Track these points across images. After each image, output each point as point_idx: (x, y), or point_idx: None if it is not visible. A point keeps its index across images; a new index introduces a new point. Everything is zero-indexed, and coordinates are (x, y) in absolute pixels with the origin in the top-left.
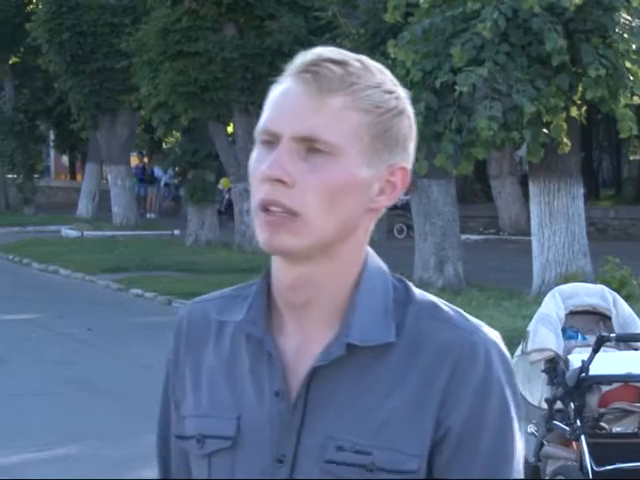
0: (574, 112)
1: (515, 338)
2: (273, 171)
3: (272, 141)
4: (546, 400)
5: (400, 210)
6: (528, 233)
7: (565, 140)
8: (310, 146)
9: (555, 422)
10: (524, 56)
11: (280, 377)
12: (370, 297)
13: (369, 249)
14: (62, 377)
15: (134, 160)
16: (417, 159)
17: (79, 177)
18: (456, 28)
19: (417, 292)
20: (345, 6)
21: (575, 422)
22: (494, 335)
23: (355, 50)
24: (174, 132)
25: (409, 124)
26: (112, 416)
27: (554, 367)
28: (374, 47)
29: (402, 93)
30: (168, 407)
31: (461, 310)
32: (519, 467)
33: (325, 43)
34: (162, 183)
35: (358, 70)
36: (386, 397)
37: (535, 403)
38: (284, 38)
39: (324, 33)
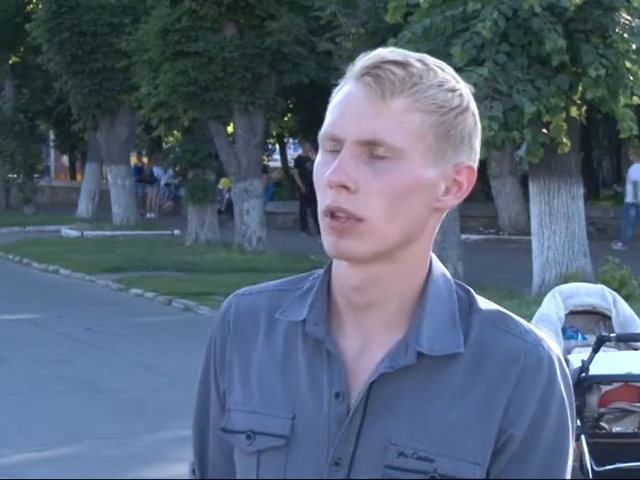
0: (574, 112)
1: None
2: (337, 176)
3: (335, 147)
4: None
5: None
6: (528, 233)
7: (565, 140)
8: (373, 150)
9: None
10: (524, 56)
11: (342, 378)
12: (437, 303)
13: (432, 254)
14: (62, 377)
15: (134, 160)
16: None
17: (79, 177)
18: (456, 28)
19: (481, 300)
20: (345, 6)
21: (575, 422)
22: (556, 349)
23: (353, 50)
24: (174, 132)
25: (474, 121)
26: (112, 416)
27: None
28: (374, 47)
29: (465, 89)
30: (207, 399)
31: (524, 321)
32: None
33: (325, 43)
34: (162, 183)
35: (420, 70)
36: (450, 405)
37: None
38: (284, 38)
39: (324, 33)
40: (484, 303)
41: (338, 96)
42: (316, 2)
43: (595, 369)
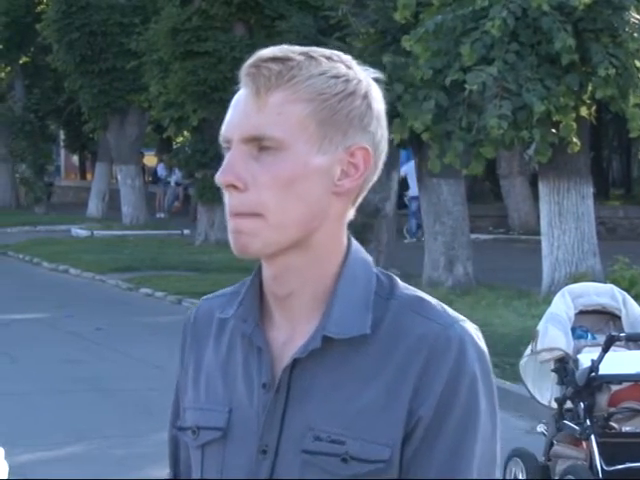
0: (584, 111)
1: (525, 338)
2: (224, 177)
3: (228, 147)
4: (556, 399)
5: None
6: (537, 233)
7: (575, 140)
8: (260, 145)
9: (565, 421)
10: (533, 55)
11: (268, 369)
12: (350, 289)
13: (354, 242)
14: (71, 376)
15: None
16: (430, 158)
17: (89, 176)
18: (466, 27)
19: (402, 286)
20: (355, 5)
21: (585, 421)
22: (472, 330)
23: (363, 48)
24: (184, 132)
25: (365, 103)
26: (120, 415)
27: (564, 366)
28: (384, 46)
29: (355, 75)
30: (177, 403)
31: (445, 306)
32: (484, 463)
33: (335, 42)
34: (172, 182)
35: (300, 63)
36: (362, 389)
37: (545, 403)
38: (294, 38)
39: (334, 33)
40: (404, 289)
41: (232, 100)
42: (326, 2)
43: (605, 369)
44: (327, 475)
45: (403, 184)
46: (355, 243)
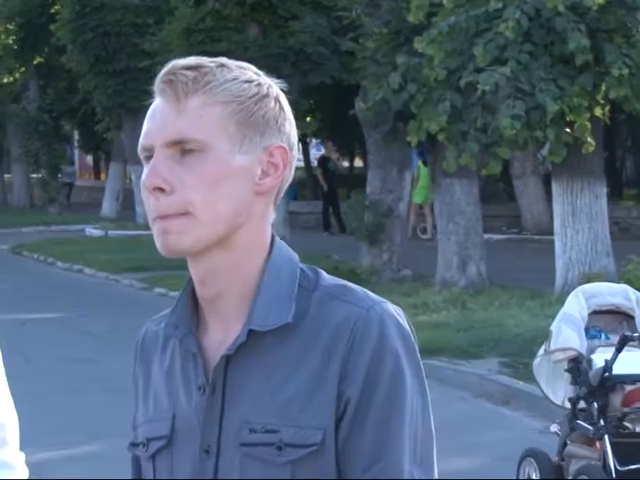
0: (598, 112)
1: (538, 338)
2: (150, 180)
3: (150, 155)
4: (569, 399)
5: (423, 210)
6: (551, 233)
7: (590, 140)
8: (183, 148)
9: (578, 421)
10: (547, 55)
11: (201, 372)
12: (274, 283)
13: (278, 240)
14: (85, 376)
15: None
16: (447, 158)
17: (103, 176)
18: (479, 28)
19: (327, 278)
20: (368, 6)
21: (598, 421)
22: (393, 310)
23: (376, 49)
24: None
25: (278, 106)
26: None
27: (577, 366)
28: (397, 47)
29: (265, 80)
30: (135, 420)
31: (367, 290)
32: (419, 438)
33: (348, 42)
34: None
35: (213, 69)
36: (290, 377)
37: (558, 402)
38: (307, 38)
39: (347, 33)
40: (329, 280)
41: (148, 112)
42: (339, 2)
43: (618, 369)
44: (264, 465)
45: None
46: (279, 241)
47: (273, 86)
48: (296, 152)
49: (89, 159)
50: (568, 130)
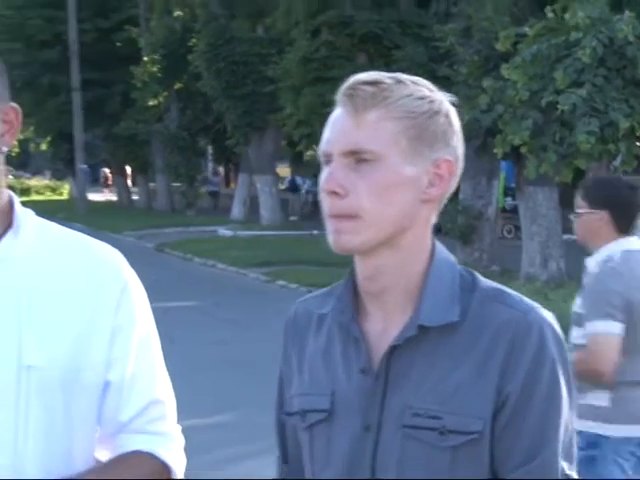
0: None
1: None
2: (328, 184)
3: (329, 160)
4: None
5: (509, 213)
6: None
7: None
8: (358, 157)
9: None
10: (619, 78)
11: (365, 357)
12: (438, 284)
13: (438, 243)
14: (219, 355)
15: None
16: (528, 167)
17: (232, 185)
18: (559, 54)
19: (483, 281)
20: (461, 36)
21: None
22: (548, 316)
23: (469, 74)
24: (313, 146)
25: (447, 122)
26: (262, 388)
27: None
28: (486, 72)
29: (437, 97)
30: (282, 391)
31: (521, 295)
32: (567, 436)
33: (444, 69)
34: (303, 190)
35: (390, 85)
36: (454, 370)
37: None
38: (408, 65)
39: (443, 60)
40: (485, 283)
41: (329, 119)
42: (436, 34)
43: None
44: (426, 446)
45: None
46: (439, 244)
47: (444, 102)
48: (462, 163)
49: (221, 170)
50: (638, 144)
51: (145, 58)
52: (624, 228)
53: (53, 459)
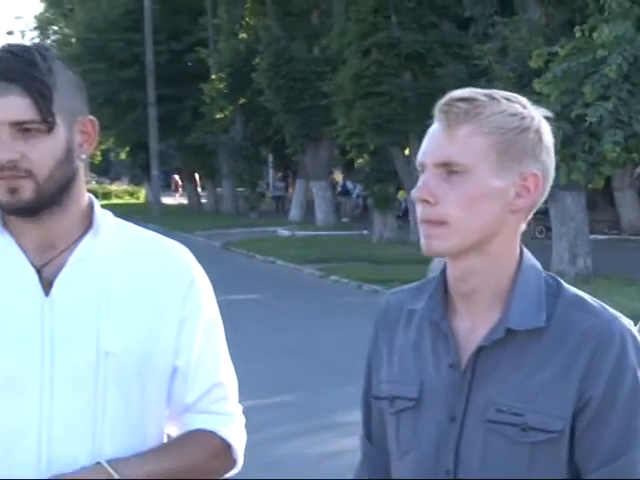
0: None
1: (634, 317)
2: (420, 193)
3: (423, 170)
4: None
5: (540, 215)
6: None
7: None
8: (449, 169)
9: None
10: None
11: (454, 353)
12: (526, 289)
13: (526, 250)
14: (279, 343)
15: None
16: (559, 174)
17: (291, 190)
18: (587, 71)
19: (567, 287)
20: (498, 55)
21: None
22: (629, 324)
23: (504, 89)
24: (364, 155)
25: (537, 137)
26: (317, 372)
27: None
28: (521, 87)
29: (529, 113)
30: (370, 374)
31: (603, 304)
32: None
33: (482, 85)
34: (354, 195)
35: (483, 102)
36: (538, 372)
37: None
38: (449, 81)
39: (481, 77)
40: (569, 290)
41: (428, 132)
42: (475, 53)
43: None
44: (507, 441)
45: None
46: (526, 251)
47: (536, 118)
48: (551, 177)
49: (280, 176)
50: None
51: (213, 76)
52: None
53: (128, 439)
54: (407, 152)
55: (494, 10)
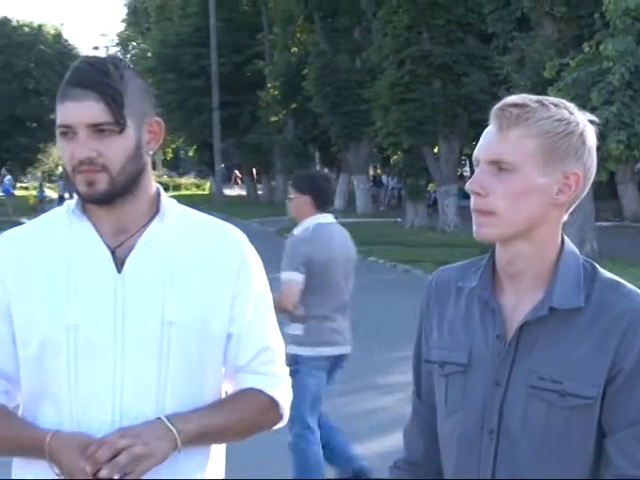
0: None
1: None
2: (472, 186)
3: (478, 164)
4: None
5: None
6: None
7: None
8: (499, 166)
9: None
10: None
11: (500, 325)
12: (567, 272)
13: (566, 237)
14: None
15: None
16: None
17: (335, 182)
18: (594, 80)
19: (602, 272)
20: (516, 65)
21: None
22: None
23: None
24: (398, 152)
25: (581, 140)
26: (361, 337)
27: None
28: (536, 94)
29: (575, 118)
30: (419, 341)
31: (634, 287)
32: None
33: (502, 92)
34: (390, 187)
35: (534, 108)
36: (575, 346)
37: None
38: (473, 88)
39: (501, 85)
40: (604, 274)
41: (484, 132)
42: (496, 64)
43: None
44: (547, 405)
45: None
46: (567, 239)
47: (580, 123)
48: (592, 176)
49: (326, 171)
50: None
51: (269, 85)
52: (320, 208)
53: (189, 397)
54: (436, 150)
55: (513, 27)
